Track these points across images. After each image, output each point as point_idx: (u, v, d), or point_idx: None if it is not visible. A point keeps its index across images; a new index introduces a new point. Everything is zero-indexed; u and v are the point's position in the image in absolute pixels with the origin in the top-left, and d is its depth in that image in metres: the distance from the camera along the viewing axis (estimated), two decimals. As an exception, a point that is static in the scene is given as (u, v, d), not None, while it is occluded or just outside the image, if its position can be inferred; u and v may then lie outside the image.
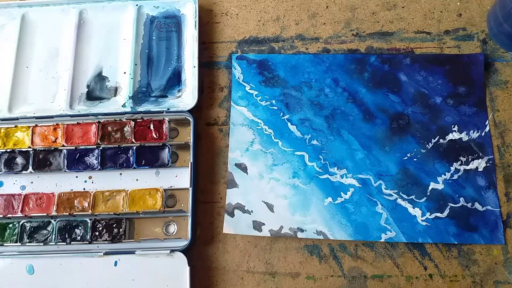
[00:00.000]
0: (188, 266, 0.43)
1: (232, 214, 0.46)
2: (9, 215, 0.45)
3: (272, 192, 0.46)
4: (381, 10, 0.52)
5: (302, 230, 0.45)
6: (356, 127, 0.48)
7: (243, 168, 0.47)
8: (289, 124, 0.48)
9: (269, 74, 0.50)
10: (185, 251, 0.43)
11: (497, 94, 0.48)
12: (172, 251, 0.43)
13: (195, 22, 0.51)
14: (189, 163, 0.46)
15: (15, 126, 0.48)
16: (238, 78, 0.50)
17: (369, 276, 0.44)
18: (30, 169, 0.47)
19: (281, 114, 0.49)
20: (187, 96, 0.49)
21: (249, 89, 0.50)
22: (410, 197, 0.45)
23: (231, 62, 0.51)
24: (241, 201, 0.46)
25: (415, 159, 0.46)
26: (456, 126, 0.47)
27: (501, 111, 0.48)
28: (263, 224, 0.45)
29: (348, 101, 0.49)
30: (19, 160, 0.47)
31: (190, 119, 0.47)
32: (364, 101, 0.49)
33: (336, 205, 0.45)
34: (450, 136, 0.47)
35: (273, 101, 0.49)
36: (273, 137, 0.48)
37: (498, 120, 0.47)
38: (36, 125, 0.48)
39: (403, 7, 0.52)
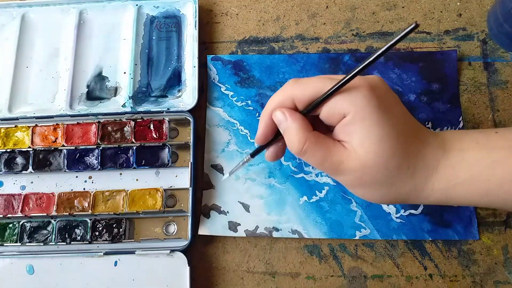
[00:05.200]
0: (188, 266, 0.43)
1: (207, 215, 0.45)
2: (9, 215, 0.45)
3: (248, 192, 0.46)
4: (381, 10, 0.52)
5: (277, 230, 0.44)
6: None
7: (219, 169, 0.47)
8: None
9: (244, 74, 0.50)
10: (185, 251, 0.43)
11: (497, 94, 0.48)
12: (172, 251, 0.43)
13: (195, 22, 0.51)
14: (189, 163, 0.46)
15: (15, 126, 0.48)
16: (214, 79, 0.50)
17: (369, 276, 0.44)
18: (30, 169, 0.47)
19: (257, 115, 0.49)
20: (187, 96, 0.49)
21: (225, 90, 0.50)
22: None
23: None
24: (217, 202, 0.46)
25: None
26: (430, 122, 0.47)
27: (501, 111, 0.48)
28: (239, 224, 0.45)
29: None
30: (19, 160, 0.47)
31: (190, 119, 0.47)
32: None
33: (311, 203, 0.45)
34: None
35: (249, 102, 0.49)
36: (249, 138, 0.48)
37: (498, 120, 0.47)
38: (36, 125, 0.48)
39: (403, 7, 0.52)
